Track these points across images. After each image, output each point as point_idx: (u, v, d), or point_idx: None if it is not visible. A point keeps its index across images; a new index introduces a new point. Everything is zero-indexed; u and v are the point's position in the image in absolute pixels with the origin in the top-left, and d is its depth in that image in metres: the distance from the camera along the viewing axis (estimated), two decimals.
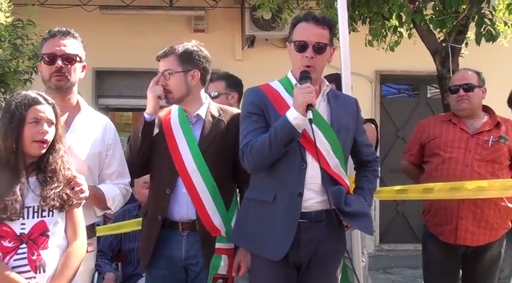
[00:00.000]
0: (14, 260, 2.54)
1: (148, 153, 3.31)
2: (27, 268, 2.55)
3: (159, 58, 3.36)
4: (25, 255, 2.56)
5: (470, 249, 4.03)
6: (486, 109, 4.19)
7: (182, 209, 3.28)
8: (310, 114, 2.86)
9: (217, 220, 3.24)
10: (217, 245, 3.23)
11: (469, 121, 4.11)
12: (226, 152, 3.28)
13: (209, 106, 3.39)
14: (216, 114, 3.36)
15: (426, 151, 4.22)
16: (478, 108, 4.13)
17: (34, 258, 2.57)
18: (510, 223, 4.09)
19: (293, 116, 2.88)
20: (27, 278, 2.53)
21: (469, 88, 4.09)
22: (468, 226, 3.94)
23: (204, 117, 3.34)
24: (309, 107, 2.86)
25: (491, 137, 3.98)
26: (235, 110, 3.44)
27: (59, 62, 3.07)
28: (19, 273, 2.52)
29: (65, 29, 3.21)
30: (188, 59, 3.31)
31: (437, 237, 4.11)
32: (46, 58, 3.10)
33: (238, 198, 3.41)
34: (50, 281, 2.61)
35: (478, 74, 4.20)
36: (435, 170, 4.10)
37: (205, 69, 3.37)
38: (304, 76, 3.02)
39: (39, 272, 2.58)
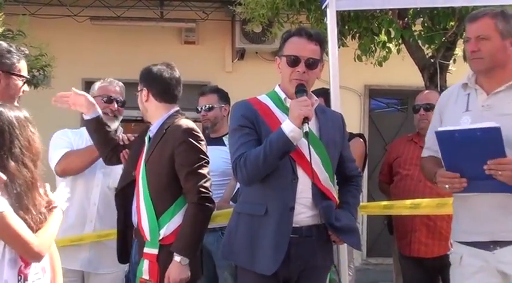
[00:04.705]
0: (33, 267, 2.55)
1: None
2: (41, 274, 2.58)
3: None
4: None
5: (432, 261, 4.16)
6: None
7: (132, 217, 3.48)
8: (306, 127, 2.87)
9: (146, 226, 3.34)
10: (144, 250, 3.35)
11: None
12: (161, 163, 3.34)
13: (164, 121, 3.45)
14: (164, 127, 3.42)
15: (393, 170, 4.41)
16: None
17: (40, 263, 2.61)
18: None
19: (289, 128, 2.88)
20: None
21: (429, 108, 4.26)
22: (422, 238, 4.17)
23: (154, 134, 3.46)
24: (305, 119, 2.87)
25: None
26: (182, 122, 3.42)
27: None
28: (38, 279, 2.56)
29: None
30: (141, 78, 3.53)
31: (399, 250, 4.27)
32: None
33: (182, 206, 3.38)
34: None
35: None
36: (394, 187, 4.37)
37: (154, 86, 3.47)
38: (300, 89, 3.03)
39: (43, 274, 2.61)
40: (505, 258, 2.89)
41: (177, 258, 3.22)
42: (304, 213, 3.07)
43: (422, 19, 5.56)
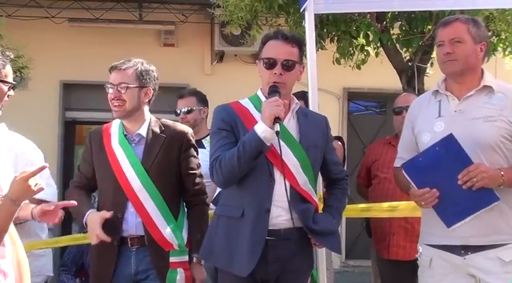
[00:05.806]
0: None
1: None
2: (1, 278, 2.55)
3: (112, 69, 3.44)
4: None
5: (410, 264, 4.10)
6: None
7: (130, 227, 3.32)
8: (277, 127, 2.88)
9: (169, 234, 3.29)
10: (171, 259, 3.28)
11: None
12: (170, 167, 3.35)
13: (150, 123, 3.43)
14: (157, 130, 3.41)
15: (371, 173, 4.43)
16: None
17: (2, 268, 2.57)
18: None
19: (261, 129, 2.90)
20: None
21: None
22: (400, 241, 4.20)
23: (145, 135, 3.39)
24: (277, 119, 2.88)
25: None
26: (179, 126, 3.50)
27: None
28: None
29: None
30: (145, 76, 3.38)
31: (377, 253, 4.29)
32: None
33: (185, 209, 3.47)
34: None
35: None
36: (372, 191, 4.39)
37: (155, 90, 3.46)
38: (273, 90, 3.04)
39: (4, 278, 2.58)
40: (476, 263, 2.94)
41: (198, 259, 3.33)
42: (282, 216, 3.07)
43: (400, 23, 5.61)
